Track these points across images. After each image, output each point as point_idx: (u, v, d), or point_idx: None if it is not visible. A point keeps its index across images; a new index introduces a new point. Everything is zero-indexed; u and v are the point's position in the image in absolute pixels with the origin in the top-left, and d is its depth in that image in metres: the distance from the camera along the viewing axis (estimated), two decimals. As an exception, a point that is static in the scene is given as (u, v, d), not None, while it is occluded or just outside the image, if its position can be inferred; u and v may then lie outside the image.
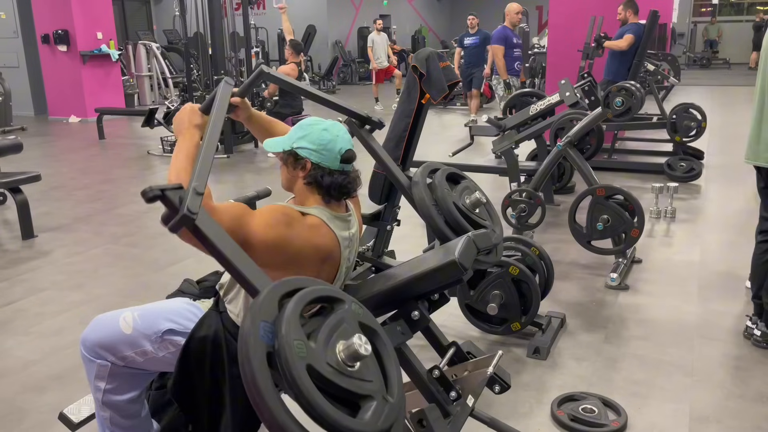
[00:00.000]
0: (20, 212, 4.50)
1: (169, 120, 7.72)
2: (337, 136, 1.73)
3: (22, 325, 3.19)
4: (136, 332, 1.73)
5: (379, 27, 11.66)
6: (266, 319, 1.18)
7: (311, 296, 1.27)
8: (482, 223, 1.95)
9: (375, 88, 11.60)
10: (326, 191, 1.72)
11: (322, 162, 1.71)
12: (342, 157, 1.72)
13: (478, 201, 1.98)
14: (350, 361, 1.21)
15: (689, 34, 21.09)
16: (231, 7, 8.28)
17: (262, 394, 1.10)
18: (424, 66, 2.43)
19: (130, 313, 1.76)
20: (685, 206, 5.05)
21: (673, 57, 8.87)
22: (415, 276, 1.69)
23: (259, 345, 1.14)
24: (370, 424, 1.18)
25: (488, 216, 2.03)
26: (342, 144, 1.73)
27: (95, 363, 1.76)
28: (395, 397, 1.27)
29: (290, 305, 1.21)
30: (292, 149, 1.72)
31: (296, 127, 1.76)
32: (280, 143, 1.76)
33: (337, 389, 1.18)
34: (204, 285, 1.91)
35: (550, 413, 2.36)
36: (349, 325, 1.28)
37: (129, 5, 16.01)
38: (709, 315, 3.19)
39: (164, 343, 1.74)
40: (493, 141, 4.58)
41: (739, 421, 2.33)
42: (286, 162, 1.75)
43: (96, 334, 1.77)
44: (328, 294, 1.31)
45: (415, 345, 1.81)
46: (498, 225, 2.02)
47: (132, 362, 1.75)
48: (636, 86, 5.11)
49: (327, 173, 1.71)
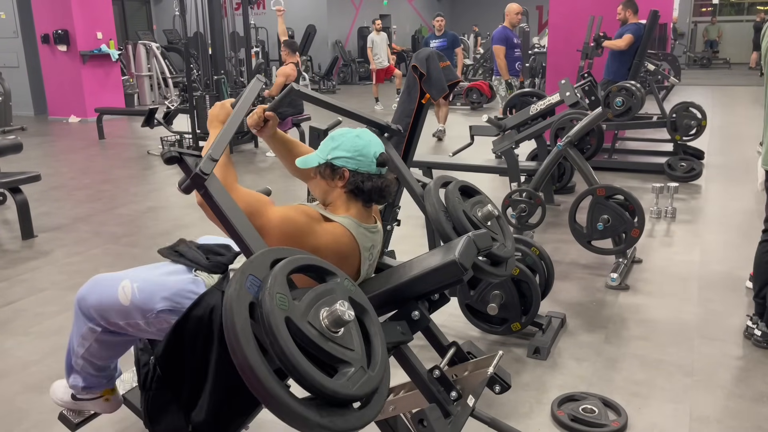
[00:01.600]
0: (20, 212, 4.50)
1: (169, 120, 7.73)
2: (370, 141, 1.75)
3: (22, 325, 3.19)
4: (133, 306, 1.73)
5: (378, 27, 11.65)
6: (255, 274, 1.22)
7: (302, 262, 1.31)
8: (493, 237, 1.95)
9: (375, 88, 11.59)
10: (368, 196, 1.73)
11: (360, 168, 1.72)
12: (378, 160, 1.74)
13: (490, 214, 1.99)
14: (333, 326, 1.23)
15: (689, 34, 21.09)
16: (231, 7, 8.27)
17: (238, 337, 1.13)
18: (424, 66, 2.43)
19: (129, 282, 1.75)
20: (685, 206, 5.05)
21: (674, 57, 8.88)
22: (416, 276, 1.69)
23: (244, 293, 1.18)
24: (343, 386, 1.19)
25: (500, 230, 2.03)
26: (375, 147, 1.75)
27: (86, 325, 1.80)
28: (376, 371, 1.28)
29: (280, 264, 1.26)
30: (328, 161, 1.73)
31: (327, 140, 1.77)
32: (315, 158, 1.77)
33: (317, 350, 1.20)
34: (216, 260, 1.86)
35: (551, 413, 2.36)
36: (337, 296, 1.31)
37: (129, 5, 16.02)
38: (709, 315, 3.19)
39: (158, 320, 1.74)
40: (493, 141, 4.58)
41: (740, 421, 2.33)
42: (322, 175, 1.76)
43: (93, 297, 1.79)
44: (320, 265, 1.35)
45: (415, 345, 1.81)
46: (510, 239, 2.02)
47: (122, 330, 1.79)
48: (636, 86, 5.11)
49: (366, 178, 1.72)
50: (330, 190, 1.76)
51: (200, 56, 8.16)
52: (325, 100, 2.17)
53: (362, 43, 18.13)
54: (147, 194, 5.75)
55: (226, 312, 1.16)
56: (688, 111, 5.94)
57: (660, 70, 7.33)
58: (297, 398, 1.15)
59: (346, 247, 1.70)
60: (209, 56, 7.89)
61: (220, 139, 1.58)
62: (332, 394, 1.17)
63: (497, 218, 2.03)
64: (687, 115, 5.93)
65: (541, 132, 4.73)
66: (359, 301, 1.36)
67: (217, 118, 1.80)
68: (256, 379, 1.13)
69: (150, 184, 6.19)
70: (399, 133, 2.31)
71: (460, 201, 1.97)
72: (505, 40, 6.79)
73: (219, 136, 1.59)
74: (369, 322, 1.36)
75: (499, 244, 1.92)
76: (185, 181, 1.46)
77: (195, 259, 1.83)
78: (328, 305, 1.25)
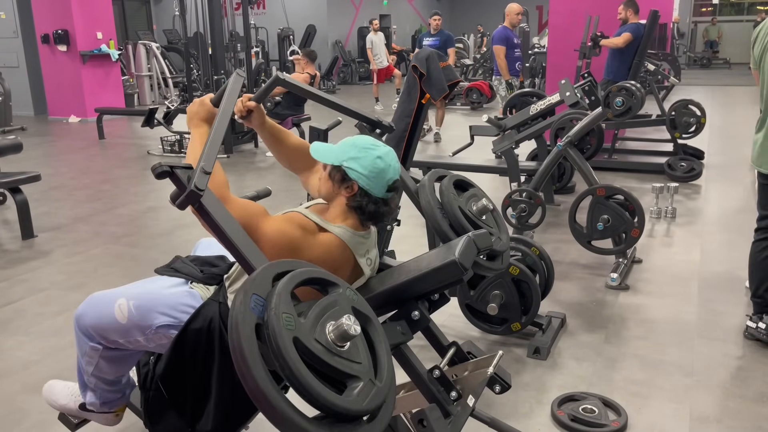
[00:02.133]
0: (20, 212, 4.50)
1: (169, 120, 7.73)
2: (390, 166, 1.71)
3: (22, 325, 3.19)
4: (131, 323, 1.73)
5: (375, 27, 11.63)
6: (258, 293, 1.20)
7: (304, 276, 1.30)
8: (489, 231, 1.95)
9: (376, 88, 11.59)
10: (367, 217, 1.71)
11: (370, 189, 1.69)
12: (389, 186, 1.71)
13: (485, 208, 1.97)
14: (339, 341, 1.22)
15: (689, 34, 21.09)
16: (231, 7, 8.27)
17: (246, 362, 1.12)
18: (424, 66, 2.43)
19: (125, 300, 1.75)
20: (685, 206, 5.05)
21: (674, 57, 8.87)
22: (416, 276, 1.69)
23: (249, 315, 1.17)
24: (354, 402, 1.19)
25: (495, 223, 2.03)
26: (392, 174, 1.71)
27: (88, 344, 1.80)
28: (383, 382, 1.27)
29: (282, 281, 1.24)
30: (342, 166, 1.70)
31: (350, 145, 1.71)
32: (330, 155, 1.72)
33: (325, 366, 1.19)
34: (211, 271, 1.86)
35: (551, 413, 2.36)
36: (342, 308, 1.29)
37: (129, 5, 16.01)
38: (709, 315, 3.19)
39: (157, 336, 1.74)
40: (493, 141, 4.58)
41: (739, 421, 2.33)
42: (331, 176, 1.72)
43: (90, 316, 1.79)
44: (322, 277, 1.33)
45: (415, 345, 1.81)
46: (505, 233, 2.01)
47: (122, 347, 1.79)
48: (636, 86, 5.10)
49: (372, 201, 1.69)
50: (333, 193, 1.73)
51: (200, 56, 8.16)
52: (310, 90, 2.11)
53: (362, 43, 18.13)
54: (147, 194, 5.75)
55: (233, 335, 1.14)
56: (687, 108, 5.94)
57: (660, 70, 7.32)
58: (308, 419, 1.15)
59: (340, 257, 1.69)
60: (209, 56, 7.89)
61: (210, 147, 1.50)
62: (344, 411, 1.17)
63: (492, 211, 2.03)
64: (686, 113, 5.93)
65: (541, 132, 4.73)
66: (363, 311, 1.35)
67: (197, 115, 1.75)
68: (269, 404, 1.12)
69: (150, 184, 6.18)
70: (390, 129, 2.27)
71: (455, 196, 1.96)
72: (505, 40, 6.80)
73: (208, 144, 1.51)
74: (373, 331, 1.35)
75: (495, 238, 1.92)
76: (179, 197, 1.41)
77: (190, 273, 1.83)
78: (334, 319, 1.24)
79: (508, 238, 2.01)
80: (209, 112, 1.75)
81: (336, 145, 1.76)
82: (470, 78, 13.53)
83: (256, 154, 7.70)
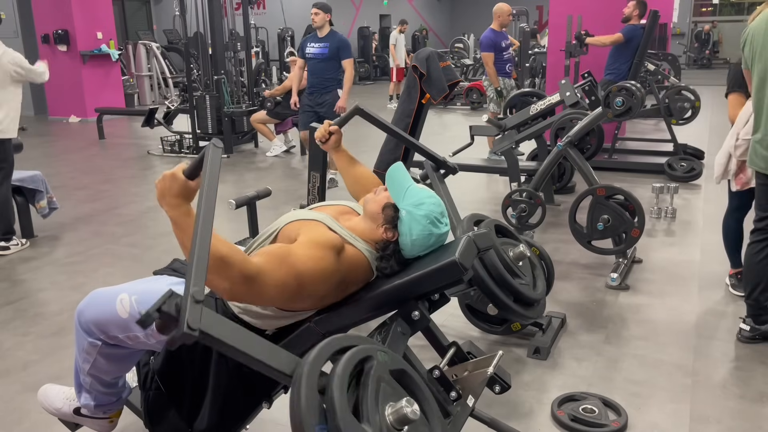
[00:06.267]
0: (20, 212, 4.50)
1: (169, 120, 7.73)
2: (436, 244, 1.73)
3: (22, 325, 3.19)
4: (131, 318, 1.73)
5: (403, 29, 12.02)
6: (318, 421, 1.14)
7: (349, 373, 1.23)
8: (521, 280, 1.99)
9: (393, 85, 11.73)
10: (380, 262, 1.72)
11: (404, 250, 1.72)
12: (419, 256, 1.74)
13: (522, 254, 2.00)
14: (398, 425, 1.21)
15: (689, 34, 21.09)
16: (231, 7, 8.27)
17: None
18: (424, 66, 2.43)
19: (127, 296, 1.75)
20: (685, 206, 5.05)
21: (674, 57, 8.87)
22: (416, 276, 1.69)
23: None
24: None
25: (531, 271, 2.05)
26: (434, 252, 1.73)
27: (87, 340, 1.80)
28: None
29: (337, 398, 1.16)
30: (400, 213, 1.71)
31: (420, 203, 1.71)
32: (400, 193, 1.73)
33: None
34: None
35: (551, 413, 2.36)
36: (388, 385, 1.28)
37: (129, 5, 16.00)
38: (709, 315, 3.19)
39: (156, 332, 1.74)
40: (494, 141, 4.58)
41: (739, 421, 2.33)
42: (385, 208, 1.73)
43: (92, 311, 1.79)
44: (360, 357, 1.28)
45: (415, 345, 1.81)
46: (540, 279, 2.03)
47: (122, 343, 1.79)
48: (636, 86, 5.11)
49: (396, 260, 1.71)
50: (375, 220, 1.74)
51: (200, 56, 8.16)
52: (387, 124, 2.18)
53: (362, 42, 18.16)
54: (147, 194, 5.74)
55: None
56: (680, 94, 5.95)
57: (660, 70, 7.32)
58: None
59: (363, 274, 1.73)
60: (209, 56, 7.88)
61: (198, 264, 1.19)
62: None
63: (528, 258, 2.05)
64: (680, 98, 5.93)
65: (541, 132, 4.74)
66: (398, 368, 1.36)
67: (169, 192, 1.47)
68: None
69: (150, 184, 6.18)
70: (454, 171, 2.33)
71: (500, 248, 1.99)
72: (493, 47, 6.52)
73: (195, 258, 1.20)
74: (412, 384, 1.38)
75: (530, 286, 1.94)
76: (171, 333, 1.16)
77: (182, 271, 1.87)
78: (389, 400, 1.24)
79: (544, 286, 2.01)
80: (183, 187, 1.47)
81: (415, 186, 1.76)
82: (470, 78, 13.52)
83: (256, 154, 7.70)
